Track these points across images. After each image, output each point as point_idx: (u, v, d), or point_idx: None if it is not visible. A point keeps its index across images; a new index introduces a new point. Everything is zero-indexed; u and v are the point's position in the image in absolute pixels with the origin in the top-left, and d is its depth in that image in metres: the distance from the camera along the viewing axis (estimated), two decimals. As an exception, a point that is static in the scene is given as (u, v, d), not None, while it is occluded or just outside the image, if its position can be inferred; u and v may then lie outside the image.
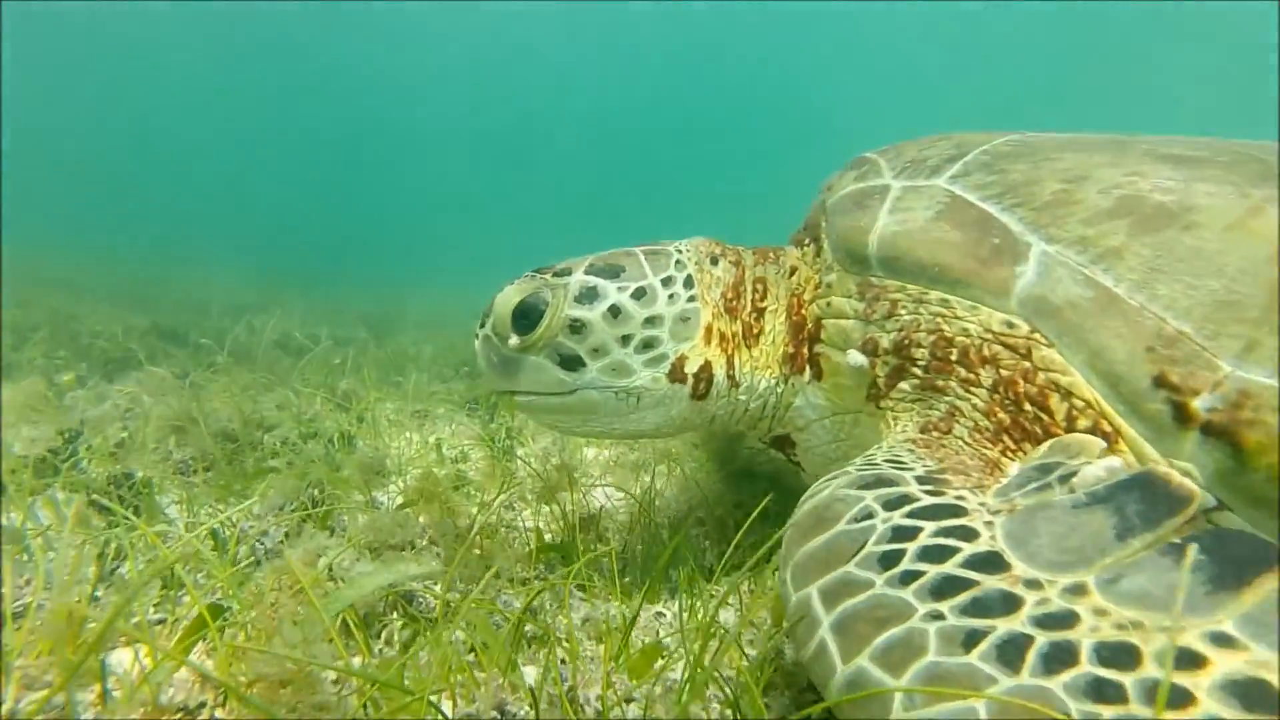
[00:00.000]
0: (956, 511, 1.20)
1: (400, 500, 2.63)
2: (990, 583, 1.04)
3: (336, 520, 2.30)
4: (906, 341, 1.62)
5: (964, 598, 1.03)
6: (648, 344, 1.78)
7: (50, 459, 2.53)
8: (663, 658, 1.51)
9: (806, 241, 1.95)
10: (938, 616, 1.01)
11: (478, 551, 2.08)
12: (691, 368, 1.81)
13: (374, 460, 2.89)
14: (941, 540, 1.13)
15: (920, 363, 1.60)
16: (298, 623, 1.25)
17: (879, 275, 1.68)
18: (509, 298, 1.81)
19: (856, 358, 1.70)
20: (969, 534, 1.14)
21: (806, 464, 2.01)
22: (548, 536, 2.39)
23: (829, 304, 1.80)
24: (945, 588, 1.05)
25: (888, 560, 1.12)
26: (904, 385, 1.64)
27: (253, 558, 1.95)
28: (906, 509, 1.21)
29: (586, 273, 1.82)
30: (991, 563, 1.07)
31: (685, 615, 1.83)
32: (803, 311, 1.88)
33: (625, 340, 1.77)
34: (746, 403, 1.91)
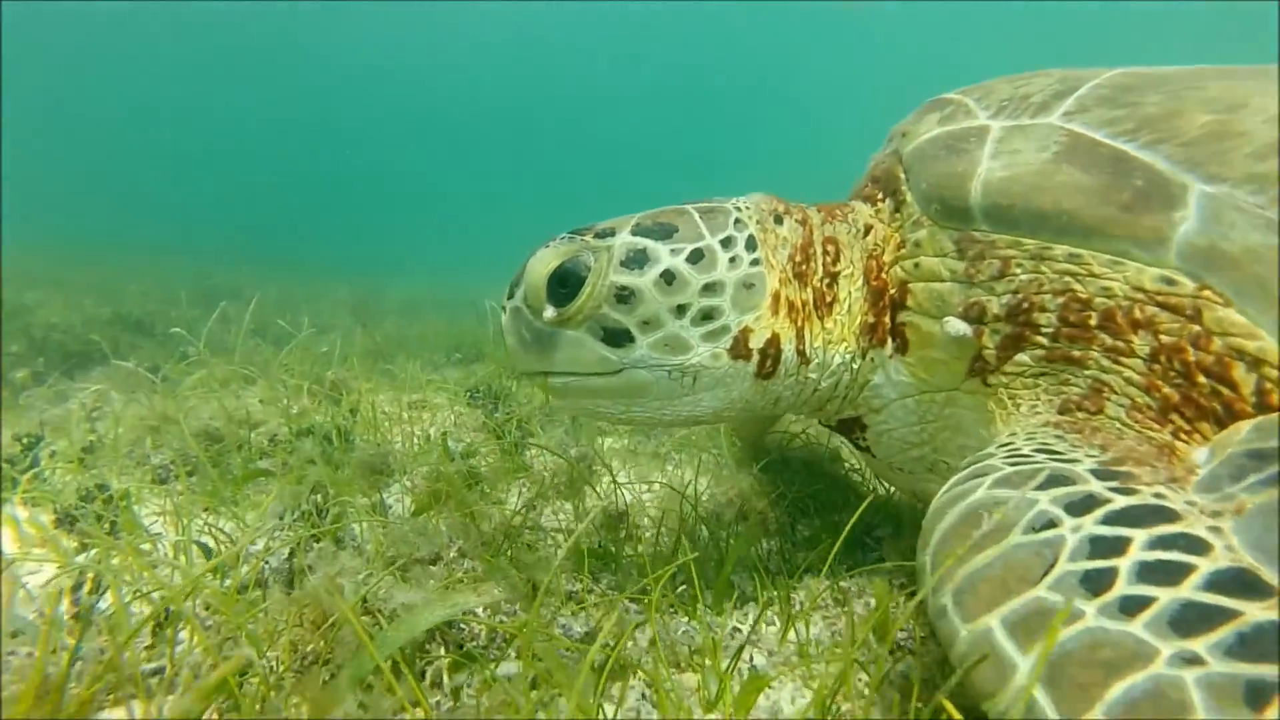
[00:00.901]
0: (1165, 515, 0.96)
1: (412, 504, 2.36)
2: (1256, 612, 0.81)
3: (346, 530, 2.02)
4: (1025, 305, 1.39)
5: (1225, 634, 0.79)
6: (706, 315, 1.51)
7: (7, 470, 2.22)
8: (770, 688, 1.28)
9: (879, 197, 1.71)
10: (1194, 661, 0.78)
11: (510, 561, 1.83)
12: (757, 342, 1.55)
13: (376, 458, 2.60)
14: (1163, 554, 0.90)
15: (1045, 330, 1.38)
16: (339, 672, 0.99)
17: (984, 229, 1.45)
18: (544, 262, 1.55)
19: (957, 326, 1.46)
20: (1196, 545, 0.91)
21: (878, 449, 1.77)
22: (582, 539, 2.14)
23: (917, 265, 1.56)
24: (1192, 620, 0.82)
25: (1094, 582, 0.89)
26: (1023, 357, 1.41)
27: (258, 582, 1.67)
28: (1099, 513, 0.98)
29: (634, 233, 1.55)
30: (1246, 584, 0.84)
31: (772, 630, 1.60)
32: (883, 276, 1.64)
33: (680, 311, 1.50)
34: (817, 381, 1.66)
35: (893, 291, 1.62)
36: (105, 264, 9.62)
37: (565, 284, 1.52)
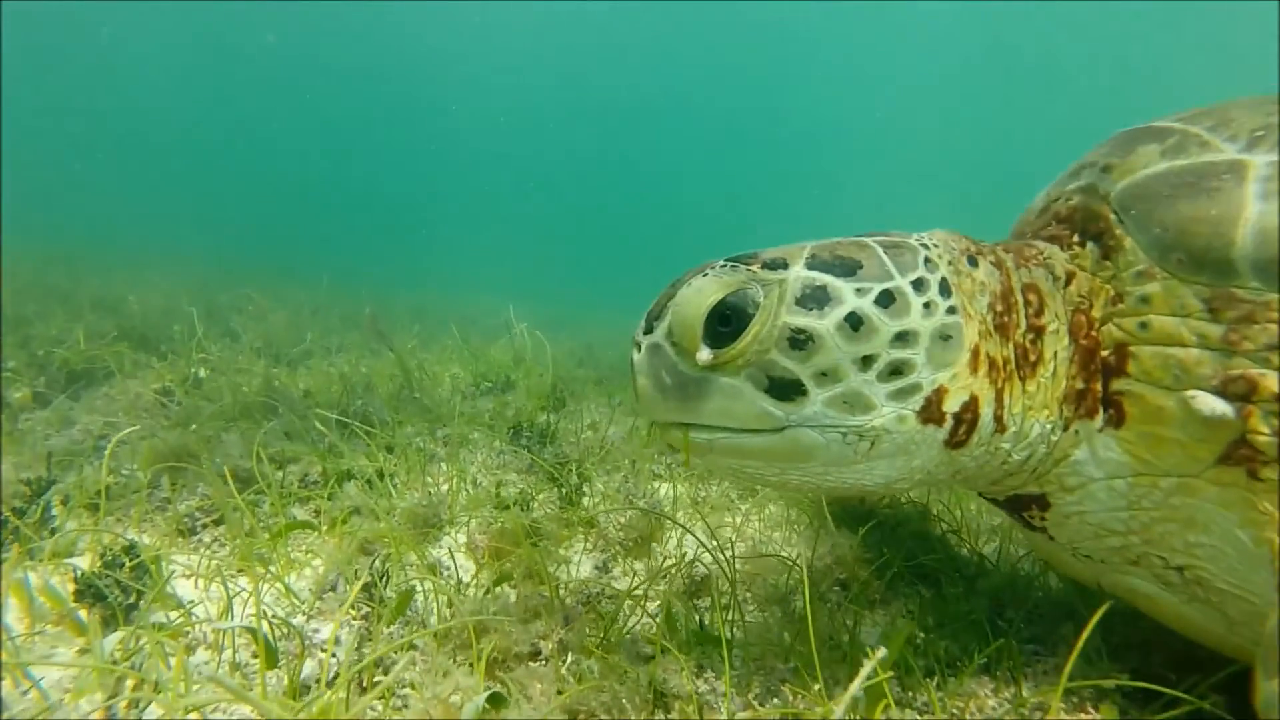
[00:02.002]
0: None
1: (474, 567, 2.08)
2: None
3: (412, 606, 1.74)
4: None
5: None
6: (896, 369, 1.28)
7: (11, 519, 1.91)
8: None
9: (1074, 240, 1.46)
10: None
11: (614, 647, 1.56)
12: (952, 404, 1.31)
13: (427, 509, 2.32)
14: None
15: None
16: None
17: (1254, 286, 1.20)
18: (704, 294, 1.31)
19: (1213, 404, 1.20)
20: None
21: (1061, 532, 1.51)
22: (651, 604, 1.86)
23: (1144, 324, 1.31)
24: None
25: None
26: None
27: (321, 681, 1.38)
28: None
29: (810, 266, 1.32)
30: None
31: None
32: (1094, 334, 1.39)
33: (866, 363, 1.27)
34: (1009, 452, 1.40)
35: (1106, 354, 1.36)
36: (101, 270, 9.28)
37: (727, 322, 1.29)
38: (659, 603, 2.02)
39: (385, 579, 1.79)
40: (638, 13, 43.11)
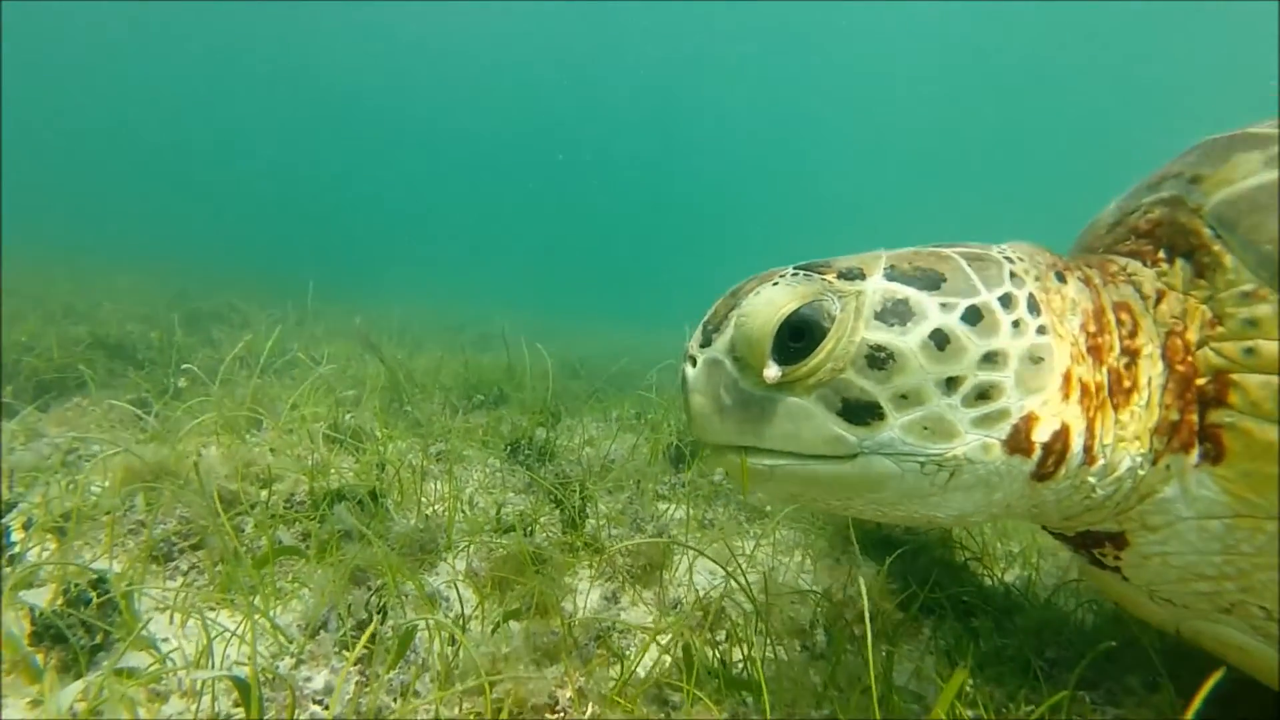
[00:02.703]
0: None
1: (475, 598, 1.92)
2: None
3: (413, 645, 1.58)
4: None
5: None
6: (982, 393, 1.17)
7: (-32, 545, 1.74)
8: None
9: (1159, 257, 1.34)
10: None
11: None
12: (1042, 434, 1.20)
13: (424, 533, 2.16)
14: None
15: None
16: None
17: None
18: (775, 305, 1.20)
19: None
20: None
21: (1138, 573, 1.38)
22: (663, 637, 1.71)
23: (1250, 350, 1.19)
24: None
25: None
26: None
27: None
28: None
29: (890, 278, 1.22)
30: None
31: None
32: (1190, 359, 1.26)
33: (950, 385, 1.16)
34: (1093, 487, 1.27)
35: (1203, 382, 1.24)
36: (76, 276, 9.01)
37: (799, 336, 1.18)
38: (670, 637, 1.89)
39: (383, 615, 1.64)
40: (632, 14, 42.95)
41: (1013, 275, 1.24)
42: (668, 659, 1.68)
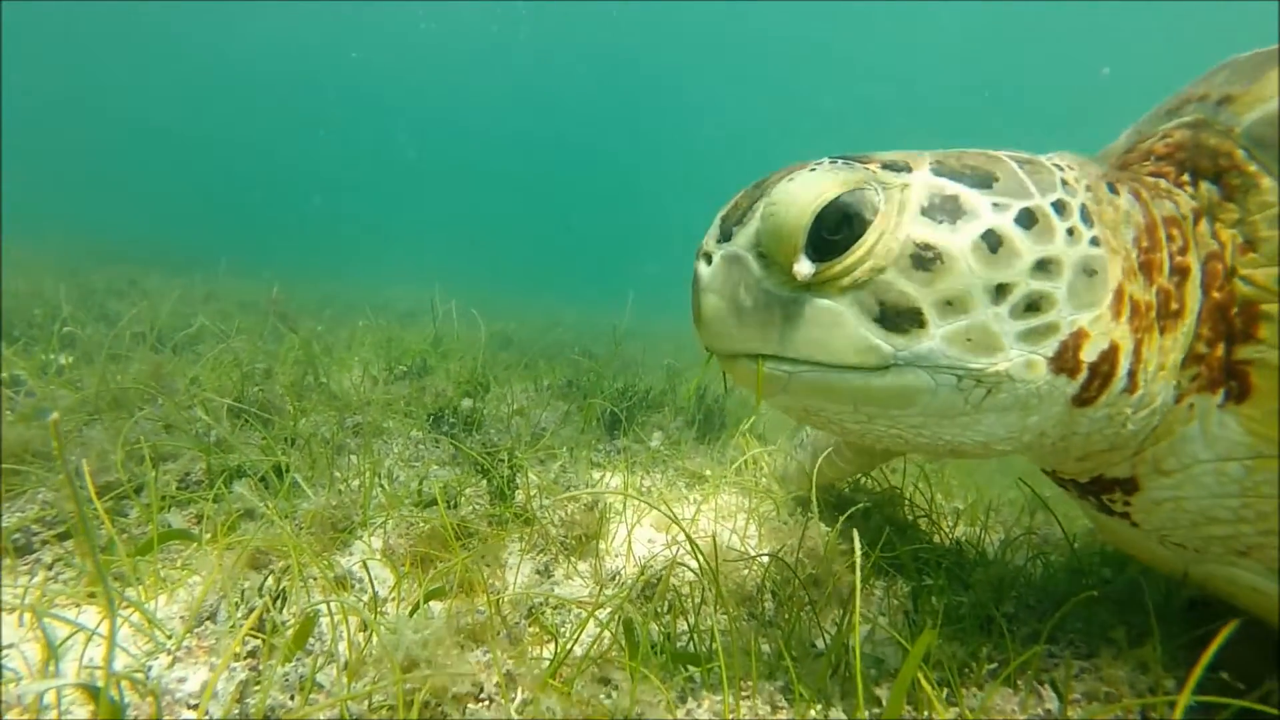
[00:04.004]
0: None
1: (392, 577, 1.73)
2: None
3: (316, 632, 1.39)
4: None
5: None
6: (1032, 304, 1.07)
7: None
8: None
9: (1183, 180, 1.25)
10: None
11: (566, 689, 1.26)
12: (1090, 352, 1.10)
13: (336, 510, 1.95)
14: None
15: None
16: None
17: None
18: (813, 190, 1.06)
19: None
20: None
21: (1149, 518, 1.31)
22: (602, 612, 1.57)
23: None
24: None
25: None
26: None
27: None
28: None
29: (937, 173, 1.10)
30: None
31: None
32: (1228, 286, 1.17)
33: (1000, 293, 1.06)
34: (1126, 419, 1.19)
35: (1236, 313, 1.16)
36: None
37: (837, 229, 1.06)
38: (610, 610, 1.75)
39: (282, 601, 1.44)
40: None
41: (1064, 183, 1.14)
42: (607, 635, 1.54)
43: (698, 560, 1.70)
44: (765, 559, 1.95)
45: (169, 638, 1.31)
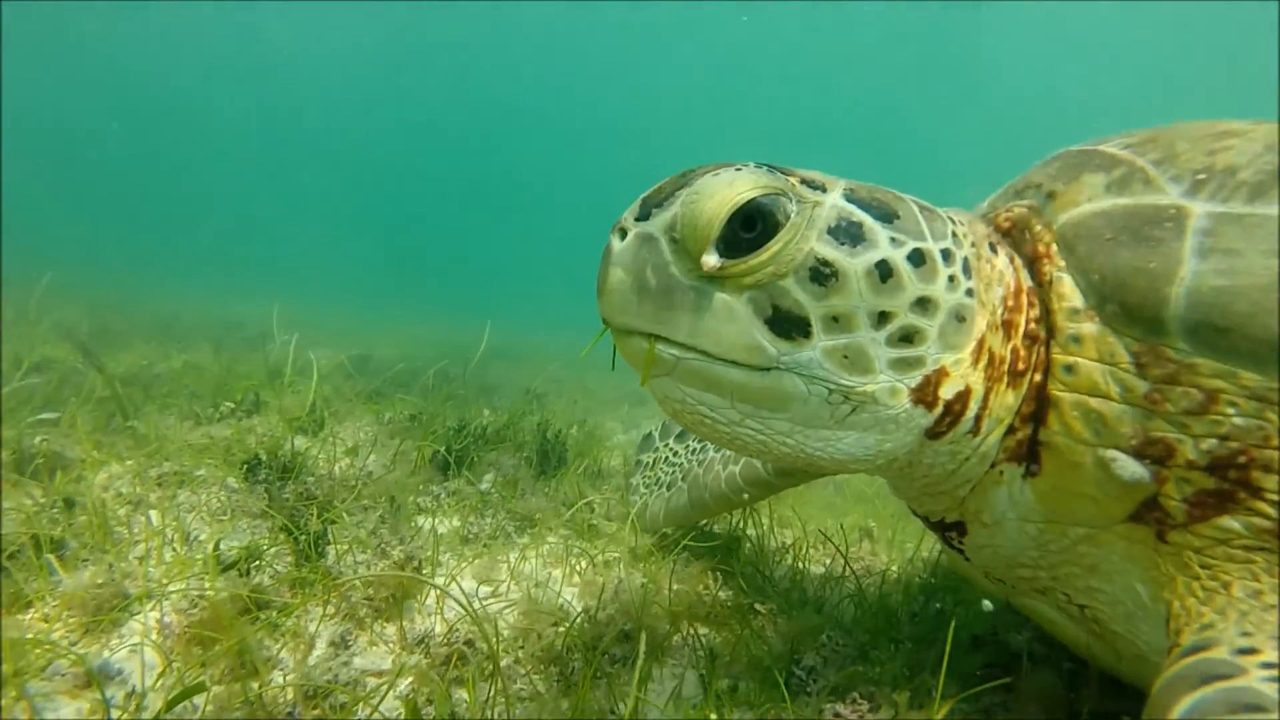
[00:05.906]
0: None
1: (159, 666, 1.58)
2: None
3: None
4: (1243, 461, 1.10)
5: None
6: (906, 336, 1.17)
7: None
8: None
9: (1015, 259, 1.38)
10: None
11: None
12: (948, 391, 1.21)
13: (107, 587, 1.77)
14: None
15: (1271, 497, 1.09)
16: None
17: (1182, 348, 1.14)
18: (734, 187, 1.14)
19: (1130, 468, 1.16)
20: None
21: (975, 558, 1.49)
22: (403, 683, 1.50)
23: (1070, 368, 1.25)
24: None
25: None
26: (1231, 523, 1.12)
27: None
28: None
29: (848, 199, 1.20)
30: None
31: None
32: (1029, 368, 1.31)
33: (880, 320, 1.15)
34: (965, 459, 1.31)
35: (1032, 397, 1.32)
36: None
37: (751, 227, 1.13)
38: (410, 681, 1.67)
39: None
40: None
41: (954, 235, 1.24)
42: (401, 710, 1.46)
43: (483, 636, 1.64)
44: (577, 615, 1.93)
45: None
